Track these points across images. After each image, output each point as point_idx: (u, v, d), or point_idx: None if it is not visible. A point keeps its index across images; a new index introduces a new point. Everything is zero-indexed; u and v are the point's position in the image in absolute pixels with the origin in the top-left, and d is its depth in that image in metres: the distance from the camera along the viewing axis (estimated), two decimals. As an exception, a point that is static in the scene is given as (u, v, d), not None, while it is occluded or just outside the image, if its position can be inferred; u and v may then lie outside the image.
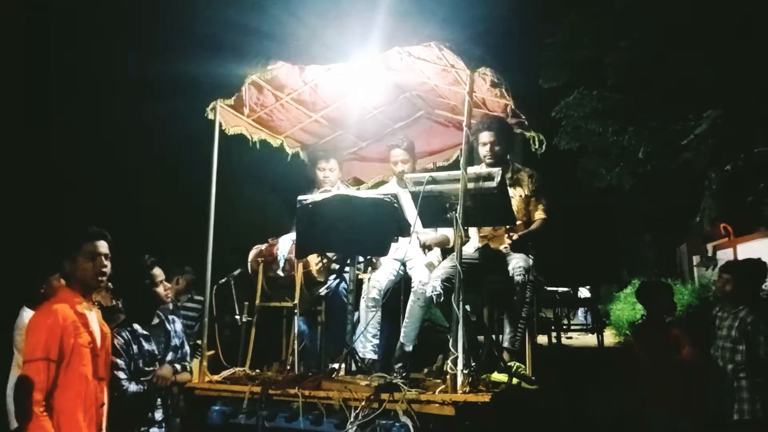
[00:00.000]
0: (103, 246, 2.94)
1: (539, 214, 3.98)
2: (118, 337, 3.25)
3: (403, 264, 4.14)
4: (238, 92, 3.88)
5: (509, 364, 3.39)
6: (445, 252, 4.22)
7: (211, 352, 3.83)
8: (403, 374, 3.60)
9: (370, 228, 3.51)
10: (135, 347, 3.29)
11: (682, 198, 10.64)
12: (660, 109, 9.53)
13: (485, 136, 3.92)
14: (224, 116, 4.01)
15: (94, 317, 2.95)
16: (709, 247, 11.46)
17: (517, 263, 3.64)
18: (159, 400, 3.33)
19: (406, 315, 3.92)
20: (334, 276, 4.18)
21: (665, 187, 10.62)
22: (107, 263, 2.94)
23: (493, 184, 3.26)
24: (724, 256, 10.81)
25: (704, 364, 4.21)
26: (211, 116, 3.91)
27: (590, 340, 11.52)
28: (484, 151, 3.96)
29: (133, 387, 3.21)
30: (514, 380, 3.28)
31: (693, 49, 8.60)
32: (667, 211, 11.46)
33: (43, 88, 6.78)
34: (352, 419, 2.98)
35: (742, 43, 7.85)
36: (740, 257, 9.94)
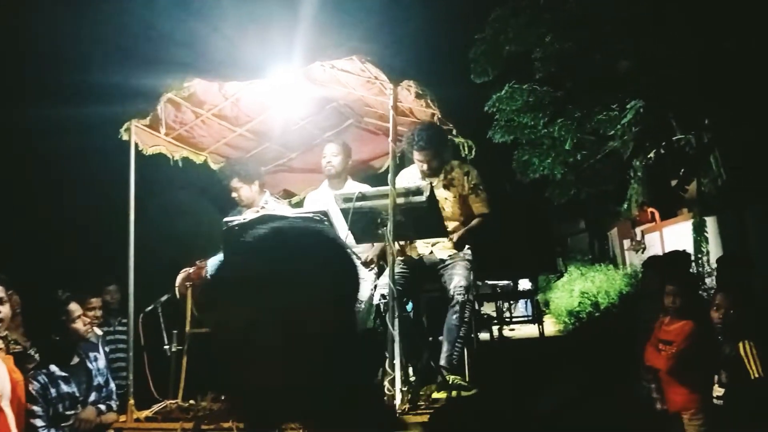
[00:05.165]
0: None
1: (481, 209, 3.89)
2: (34, 382, 3.04)
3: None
4: (153, 111, 3.67)
5: (446, 378, 3.37)
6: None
7: None
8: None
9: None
10: (53, 391, 3.09)
11: (611, 184, 11.05)
12: (584, 100, 9.83)
13: (418, 156, 3.80)
14: (141, 136, 3.79)
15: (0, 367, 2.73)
16: (638, 231, 11.95)
17: (458, 281, 3.59)
18: (84, 445, 3.14)
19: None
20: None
21: (594, 175, 11.00)
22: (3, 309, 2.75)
23: (422, 198, 3.23)
24: (652, 238, 11.30)
25: None
26: (125, 137, 3.68)
27: (532, 330, 11.83)
28: (420, 167, 3.85)
29: (52, 435, 3.01)
30: (453, 393, 3.27)
31: (614, 41, 8.89)
32: (597, 198, 11.87)
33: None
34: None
35: (658, 35, 8.16)
36: (666, 239, 10.44)
